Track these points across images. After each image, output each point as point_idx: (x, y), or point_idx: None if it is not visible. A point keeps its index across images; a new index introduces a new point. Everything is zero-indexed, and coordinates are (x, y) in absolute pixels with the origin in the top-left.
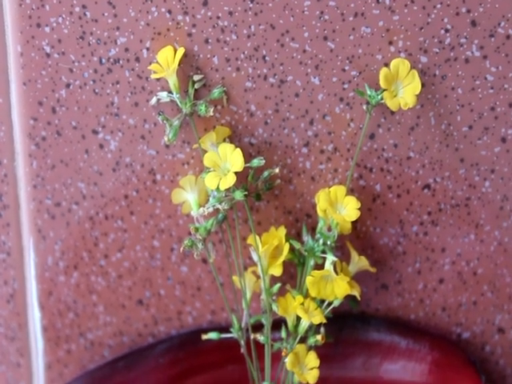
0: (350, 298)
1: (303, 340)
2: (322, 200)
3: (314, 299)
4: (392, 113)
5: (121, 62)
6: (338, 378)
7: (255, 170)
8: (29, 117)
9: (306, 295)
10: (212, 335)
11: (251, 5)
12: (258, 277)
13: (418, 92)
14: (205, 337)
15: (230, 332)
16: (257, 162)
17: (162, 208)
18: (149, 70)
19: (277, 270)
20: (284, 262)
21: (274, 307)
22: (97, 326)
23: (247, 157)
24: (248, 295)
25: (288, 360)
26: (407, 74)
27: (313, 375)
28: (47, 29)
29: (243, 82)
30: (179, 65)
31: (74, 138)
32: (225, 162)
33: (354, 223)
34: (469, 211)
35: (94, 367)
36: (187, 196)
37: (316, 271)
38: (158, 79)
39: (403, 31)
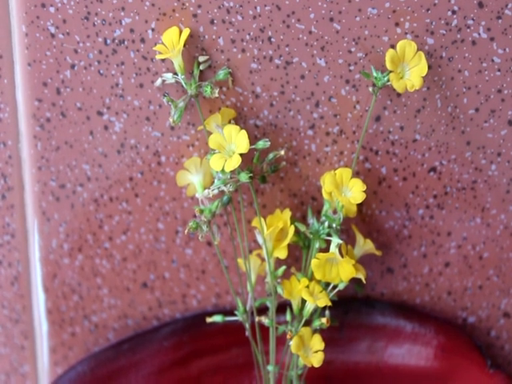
0: (355, 281)
1: (308, 323)
2: (327, 182)
3: (319, 282)
4: (398, 95)
5: (126, 42)
6: (343, 362)
7: (260, 152)
8: (33, 98)
9: (311, 278)
10: (216, 318)
11: None
12: (262, 260)
13: (424, 74)
14: (209, 320)
15: (235, 315)
16: (262, 143)
17: (166, 190)
18: (154, 51)
19: (282, 253)
20: (289, 245)
21: (279, 290)
22: (101, 309)
23: (252, 139)
24: (253, 278)
25: (293, 343)
26: (413, 56)
27: (317, 358)
28: (52, 9)
29: (249, 64)
30: (184, 46)
31: (78, 119)
32: (230, 143)
33: (359, 206)
34: (475, 195)
35: (98, 350)
36: (192, 178)
37: (321, 254)
38: (163, 60)
39: (410, 12)
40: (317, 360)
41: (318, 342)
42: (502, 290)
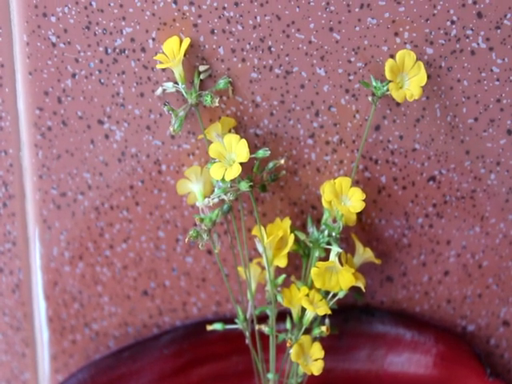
0: (354, 289)
1: (308, 331)
2: (327, 191)
3: (318, 290)
4: (397, 104)
5: (126, 52)
6: (343, 370)
7: (260, 161)
8: (35, 107)
9: (311, 286)
10: (217, 326)
11: None
12: (262, 268)
13: (423, 84)
14: (209, 328)
15: (235, 323)
16: (262, 153)
17: (167, 199)
18: (154, 61)
19: (282, 262)
20: (289, 254)
21: (279, 298)
22: (102, 317)
23: (252, 148)
24: (253, 286)
25: (293, 351)
26: (413, 66)
27: (317, 366)
28: (53, 18)
29: (249, 73)
30: (185, 55)
31: (79, 128)
32: (230, 152)
33: (358, 215)
34: (474, 203)
35: (98, 358)
36: (192, 187)
37: (321, 262)
38: (163, 70)
39: (409, 22)
40: (317, 368)
41: (317, 350)
42: (501, 298)
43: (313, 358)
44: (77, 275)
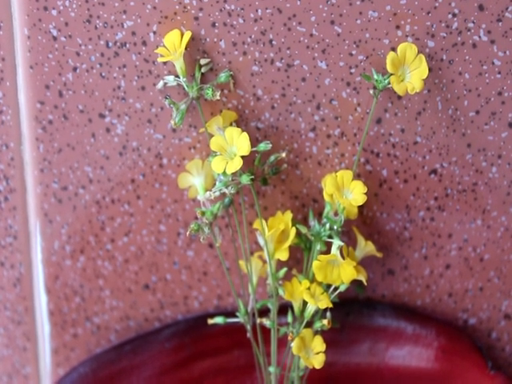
0: (356, 283)
1: (309, 325)
2: (328, 185)
3: (320, 284)
4: (399, 97)
5: (128, 45)
6: (344, 363)
7: (262, 154)
8: (36, 100)
9: (313, 280)
10: (218, 320)
11: None
12: (264, 261)
13: (425, 77)
14: (211, 321)
15: (236, 317)
16: (263, 146)
17: (168, 192)
18: (156, 54)
19: (283, 255)
20: (290, 247)
21: (281, 292)
22: (103, 311)
23: (254, 141)
24: (254, 280)
25: (294, 344)
26: (414, 59)
27: (319, 360)
28: (54, 12)
29: (250, 66)
30: (186, 48)
31: (80, 121)
32: (231, 146)
33: (360, 208)
34: (476, 197)
35: (100, 351)
36: (194, 180)
37: (323, 256)
38: (164, 63)
39: (410, 15)
40: (318, 361)
41: (319, 344)
42: (502, 291)
43: (314, 352)
44: (78, 269)
